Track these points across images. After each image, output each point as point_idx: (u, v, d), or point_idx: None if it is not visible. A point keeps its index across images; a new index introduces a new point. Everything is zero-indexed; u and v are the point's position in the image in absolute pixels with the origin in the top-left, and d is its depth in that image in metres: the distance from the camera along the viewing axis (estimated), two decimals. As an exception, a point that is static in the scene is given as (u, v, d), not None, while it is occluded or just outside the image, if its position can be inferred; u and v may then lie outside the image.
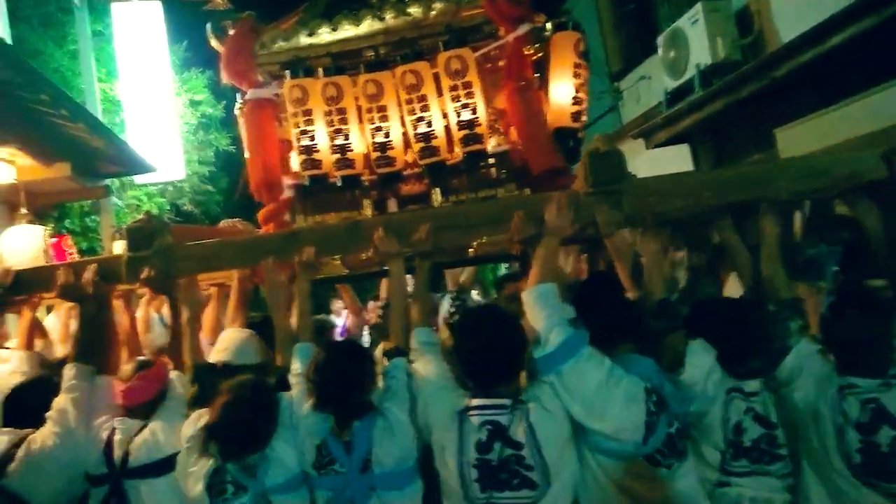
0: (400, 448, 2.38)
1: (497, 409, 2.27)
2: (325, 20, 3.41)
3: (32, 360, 3.31)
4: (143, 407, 2.64)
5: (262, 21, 3.52)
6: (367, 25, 3.34)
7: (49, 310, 4.47)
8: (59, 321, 3.98)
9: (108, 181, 8.61)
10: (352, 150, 3.29)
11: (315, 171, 3.33)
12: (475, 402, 2.31)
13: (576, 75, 3.44)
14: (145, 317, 3.98)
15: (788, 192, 2.79)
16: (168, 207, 11.35)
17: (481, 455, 2.23)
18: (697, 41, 7.26)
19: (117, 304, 3.50)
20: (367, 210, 3.48)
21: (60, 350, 3.73)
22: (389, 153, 3.28)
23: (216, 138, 11.86)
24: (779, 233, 2.75)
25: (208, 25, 3.58)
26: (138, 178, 10.06)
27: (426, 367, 2.49)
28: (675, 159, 8.71)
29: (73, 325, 3.84)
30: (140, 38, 10.08)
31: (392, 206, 3.52)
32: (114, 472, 2.50)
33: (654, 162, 9.32)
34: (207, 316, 3.57)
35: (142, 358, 2.98)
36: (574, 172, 3.31)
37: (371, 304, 6.33)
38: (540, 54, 3.49)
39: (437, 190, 3.41)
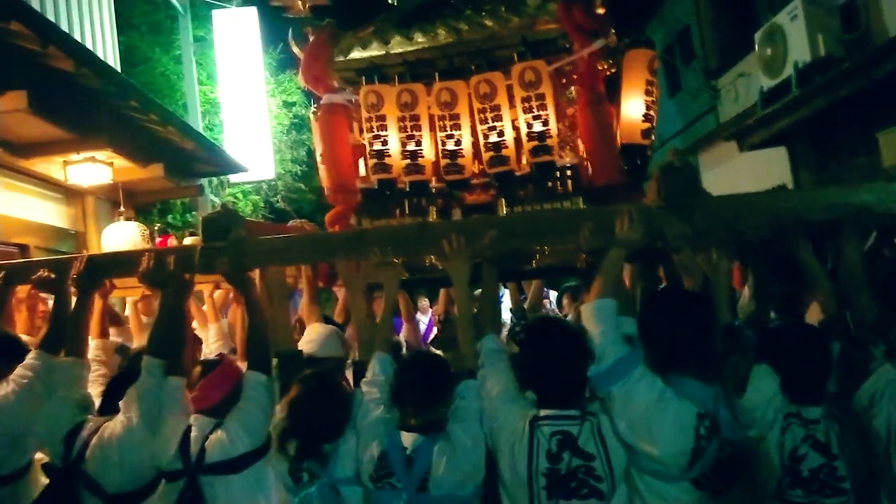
0: (461, 471, 2.33)
1: (567, 419, 2.27)
2: (402, 30, 3.46)
3: (107, 348, 3.45)
4: (215, 407, 2.66)
5: (341, 29, 3.60)
6: (443, 36, 3.39)
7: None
8: (133, 312, 4.10)
9: (202, 180, 9.07)
10: (422, 157, 3.36)
11: (384, 175, 3.40)
12: (544, 412, 2.30)
13: (647, 92, 3.40)
14: (138, 320, 3.98)
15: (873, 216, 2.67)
16: (262, 205, 11.82)
17: (551, 464, 2.22)
18: (796, 37, 6.82)
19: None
20: (433, 217, 3.51)
21: (136, 340, 3.87)
22: (459, 161, 3.33)
23: (308, 138, 12.19)
24: (862, 255, 2.63)
25: (290, 31, 3.69)
26: (233, 178, 10.54)
27: (495, 375, 2.46)
28: (773, 162, 8.21)
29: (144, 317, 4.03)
30: (237, 43, 10.58)
31: (456, 214, 3.53)
32: (189, 468, 2.52)
33: (751, 165, 8.84)
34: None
35: (209, 358, 2.98)
36: (642, 189, 3.30)
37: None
38: (612, 70, 3.46)
39: (503, 200, 3.41)
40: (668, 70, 12.83)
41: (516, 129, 3.27)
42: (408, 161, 3.35)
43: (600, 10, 3.24)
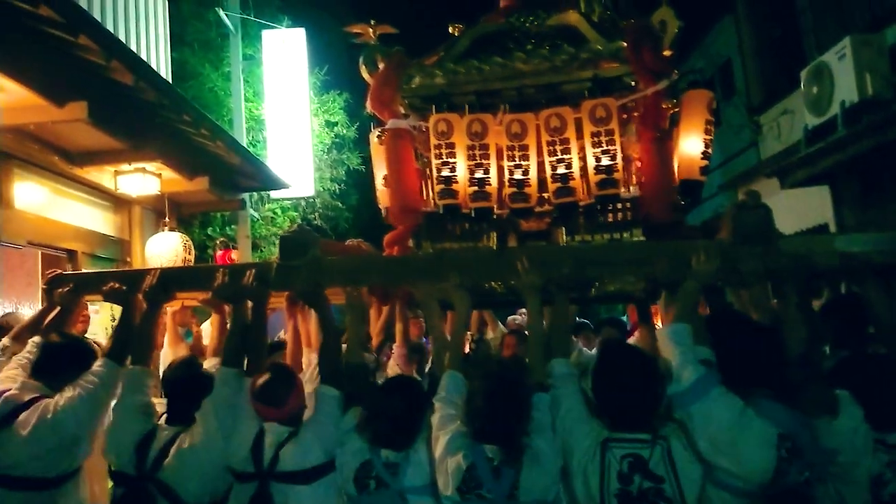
0: (548, 477, 2.43)
1: (637, 442, 2.35)
2: (470, 59, 3.58)
3: (156, 360, 3.60)
4: (289, 417, 2.75)
5: (408, 56, 3.73)
6: (512, 69, 3.51)
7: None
8: (170, 323, 4.07)
9: (244, 195, 9.25)
10: (489, 184, 3.47)
11: (451, 201, 3.50)
12: (616, 434, 2.40)
13: (706, 131, 3.53)
14: (174, 330, 4.01)
15: None
16: (300, 221, 11.98)
17: (622, 485, 2.31)
18: (844, 77, 6.80)
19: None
20: (492, 242, 3.60)
21: (171, 350, 3.89)
22: (526, 190, 3.44)
23: (348, 158, 12.40)
24: None
25: (361, 57, 3.82)
26: (273, 193, 10.73)
27: (567, 397, 2.58)
28: (815, 201, 8.12)
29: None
30: (285, 62, 10.82)
31: (512, 240, 3.64)
32: (262, 473, 2.60)
33: (792, 203, 8.74)
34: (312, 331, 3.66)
35: (277, 365, 3.00)
36: (687, 221, 3.52)
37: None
38: (675, 109, 3.59)
39: (563, 229, 3.53)
40: (708, 104, 12.77)
41: (583, 161, 3.38)
42: (475, 188, 3.45)
43: (667, 53, 3.36)
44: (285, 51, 10.84)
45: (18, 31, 4.53)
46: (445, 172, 3.44)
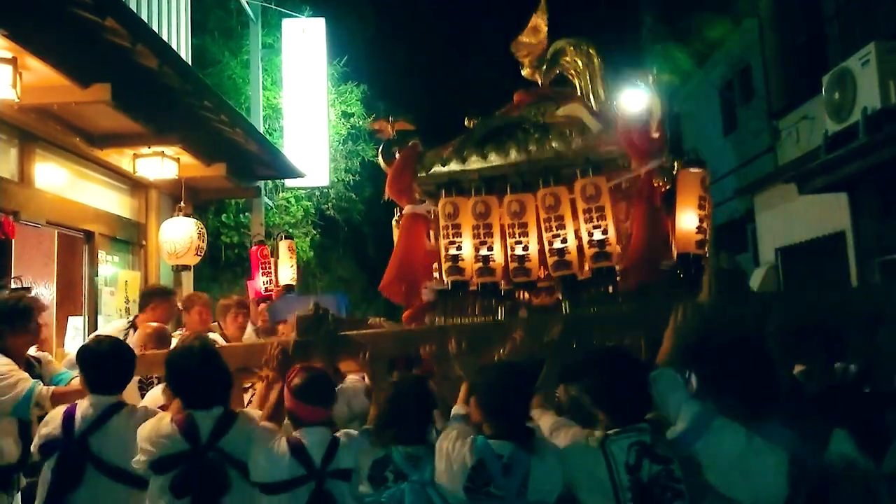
0: (556, 475, 2.45)
1: (639, 431, 2.41)
2: (478, 149, 3.88)
3: None
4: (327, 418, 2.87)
5: (424, 146, 4.05)
6: (514, 155, 3.80)
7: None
8: None
9: (259, 183, 9.28)
10: (493, 261, 3.71)
11: (458, 277, 3.76)
12: (614, 430, 2.43)
13: (701, 207, 3.72)
14: None
15: None
16: (313, 211, 12.02)
17: (632, 475, 2.34)
18: (867, 83, 6.76)
19: None
20: (501, 316, 3.80)
21: None
22: (527, 265, 3.67)
23: (363, 149, 12.41)
24: None
25: (380, 148, 4.22)
26: (288, 182, 10.76)
27: (545, 421, 2.70)
28: (832, 207, 8.08)
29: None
30: (304, 52, 10.83)
31: (523, 314, 3.81)
32: (315, 472, 2.65)
33: (808, 209, 8.71)
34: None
35: (311, 367, 3.07)
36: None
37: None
38: (668, 186, 3.80)
39: (567, 302, 3.72)
40: (725, 107, 12.75)
41: (579, 237, 3.61)
42: (480, 264, 3.70)
43: (655, 135, 3.59)
44: (305, 40, 10.84)
45: (46, 12, 4.56)
46: (452, 251, 3.73)
